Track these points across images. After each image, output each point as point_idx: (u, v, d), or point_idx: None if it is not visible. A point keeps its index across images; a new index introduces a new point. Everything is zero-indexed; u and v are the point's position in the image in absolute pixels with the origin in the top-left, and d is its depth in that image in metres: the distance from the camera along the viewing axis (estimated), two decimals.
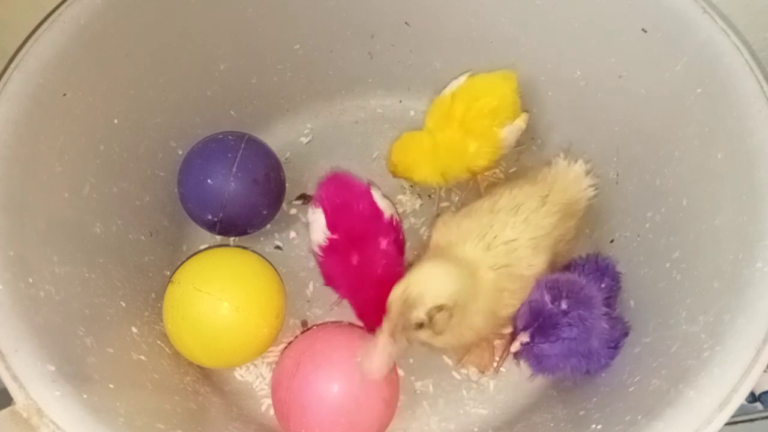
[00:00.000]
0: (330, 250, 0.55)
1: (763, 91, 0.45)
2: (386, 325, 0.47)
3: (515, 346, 0.50)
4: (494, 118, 0.58)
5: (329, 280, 0.58)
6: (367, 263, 0.54)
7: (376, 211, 0.56)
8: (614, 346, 0.51)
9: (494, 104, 0.58)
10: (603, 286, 0.54)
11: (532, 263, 0.52)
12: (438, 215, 0.64)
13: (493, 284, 0.50)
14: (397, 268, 0.56)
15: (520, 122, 0.59)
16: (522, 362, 0.55)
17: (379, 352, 0.47)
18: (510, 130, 0.59)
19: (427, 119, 0.61)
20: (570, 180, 0.58)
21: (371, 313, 0.56)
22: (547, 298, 0.49)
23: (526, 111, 0.60)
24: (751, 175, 0.44)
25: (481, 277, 0.50)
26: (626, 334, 0.52)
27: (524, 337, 0.49)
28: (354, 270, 0.54)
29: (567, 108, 0.63)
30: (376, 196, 0.58)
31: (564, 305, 0.48)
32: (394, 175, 0.63)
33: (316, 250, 0.56)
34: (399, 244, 0.58)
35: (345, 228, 0.55)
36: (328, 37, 0.65)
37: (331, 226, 0.55)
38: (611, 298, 0.54)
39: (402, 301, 0.46)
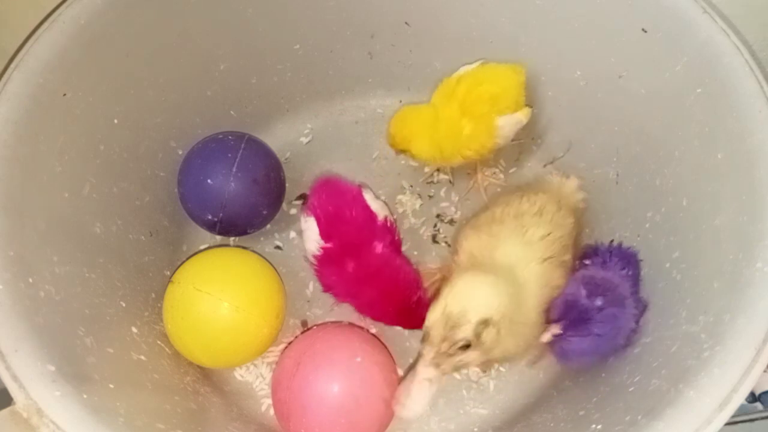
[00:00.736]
0: (324, 259, 0.55)
1: (763, 91, 0.45)
2: (427, 354, 0.43)
3: (546, 337, 0.49)
4: (493, 105, 0.57)
5: (327, 287, 0.57)
6: (363, 269, 0.54)
7: (370, 215, 0.56)
8: (624, 344, 0.52)
9: (495, 91, 0.57)
10: (630, 273, 0.54)
11: (564, 258, 0.52)
12: (436, 225, 0.65)
13: (540, 279, 0.50)
14: (396, 269, 0.55)
15: (521, 116, 0.58)
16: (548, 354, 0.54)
17: (418, 386, 0.42)
18: (507, 121, 0.58)
19: (433, 97, 0.61)
20: (564, 195, 0.59)
21: (374, 315, 0.57)
22: (583, 292, 0.49)
23: (531, 107, 0.60)
24: (751, 175, 0.44)
25: (526, 278, 0.49)
26: (645, 308, 0.52)
27: (556, 329, 0.49)
28: (350, 277, 0.54)
29: (567, 108, 0.63)
30: (369, 198, 0.57)
31: (599, 302, 0.49)
32: (393, 147, 0.62)
33: (311, 259, 0.56)
34: (395, 246, 0.57)
35: (338, 236, 0.54)
36: (328, 37, 0.65)
37: (325, 234, 0.54)
38: (634, 285, 0.54)
39: (443, 322, 0.42)
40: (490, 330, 0.43)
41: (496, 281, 0.45)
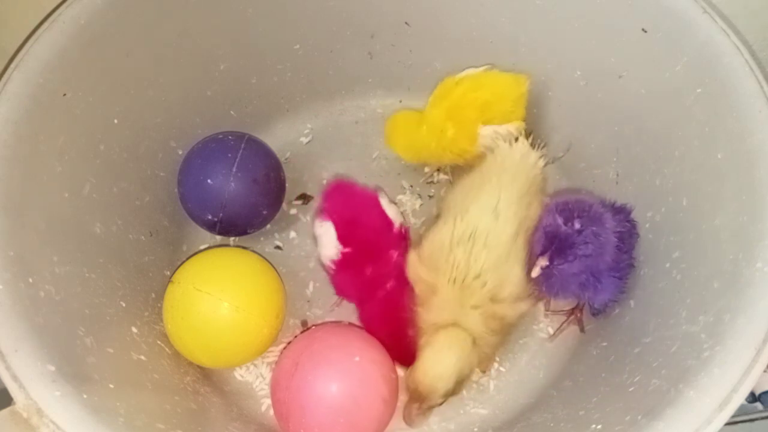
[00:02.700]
0: (343, 263, 0.55)
1: (763, 91, 0.45)
2: (414, 408, 0.49)
3: (535, 272, 0.50)
4: (482, 113, 0.57)
5: (341, 291, 0.57)
6: (379, 275, 0.54)
7: (387, 222, 0.56)
8: (619, 276, 0.53)
9: (487, 99, 0.57)
10: (618, 218, 0.54)
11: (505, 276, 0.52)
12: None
13: (482, 317, 0.51)
14: (404, 282, 0.55)
15: (510, 127, 0.58)
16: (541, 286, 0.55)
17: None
18: (492, 130, 0.57)
19: (432, 95, 0.61)
20: (518, 162, 0.57)
21: (377, 326, 0.56)
22: (560, 220, 0.50)
23: (524, 120, 0.59)
24: (751, 175, 0.44)
25: (469, 320, 0.51)
26: (632, 266, 0.54)
27: (543, 261, 0.50)
28: (367, 281, 0.54)
29: (567, 108, 0.63)
30: (384, 203, 0.57)
31: (577, 224, 0.50)
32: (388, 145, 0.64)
33: (329, 264, 0.55)
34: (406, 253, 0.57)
35: (357, 241, 0.54)
36: (328, 37, 0.65)
37: (344, 239, 0.54)
38: (624, 233, 0.54)
39: (419, 395, 0.49)
40: (458, 384, 0.49)
41: (453, 349, 0.49)
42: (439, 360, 0.49)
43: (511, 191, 0.54)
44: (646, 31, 0.52)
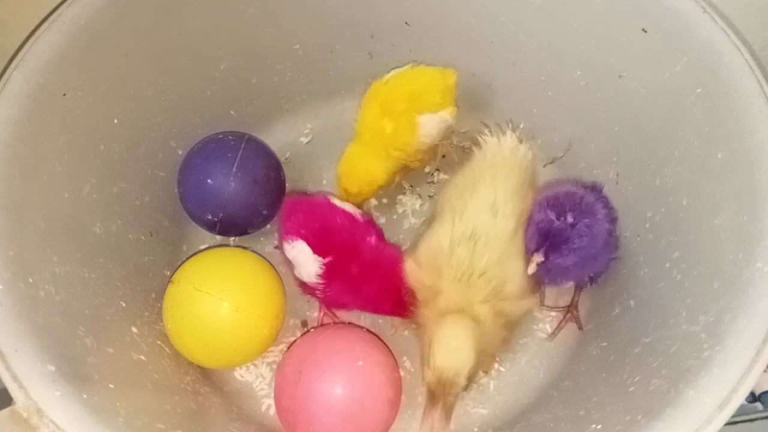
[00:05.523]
0: (329, 273, 0.54)
1: (763, 91, 0.45)
2: (435, 405, 0.47)
3: (531, 268, 0.50)
4: (411, 103, 0.57)
5: (334, 303, 0.57)
6: (365, 266, 0.54)
7: (351, 217, 0.56)
8: (611, 252, 0.55)
9: (414, 90, 0.57)
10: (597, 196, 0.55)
11: (507, 262, 0.52)
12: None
13: (490, 311, 0.51)
14: (391, 256, 0.56)
15: (444, 114, 0.57)
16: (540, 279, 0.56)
17: (440, 428, 0.47)
18: (430, 119, 0.57)
19: (363, 100, 0.60)
20: (508, 157, 0.57)
21: (378, 307, 0.57)
22: (552, 215, 0.50)
23: (457, 107, 0.58)
24: (751, 175, 0.44)
25: (478, 314, 0.50)
26: (615, 219, 0.56)
27: (539, 257, 0.50)
28: (356, 279, 0.54)
29: (567, 108, 0.63)
30: (338, 203, 0.57)
31: (570, 218, 0.50)
32: (354, 196, 0.60)
33: (314, 280, 0.54)
34: (380, 234, 0.58)
35: (334, 246, 0.54)
36: (328, 37, 0.65)
37: (320, 250, 0.53)
38: (614, 218, 0.56)
39: (443, 386, 0.47)
40: (475, 366, 0.48)
41: (465, 331, 0.48)
42: (454, 336, 0.47)
43: (507, 187, 0.54)
44: (646, 31, 0.52)
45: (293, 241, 0.54)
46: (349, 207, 0.57)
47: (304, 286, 0.56)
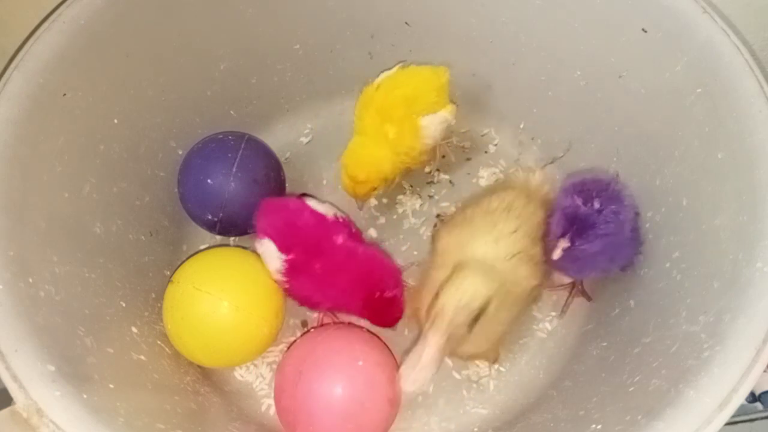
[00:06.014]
0: (291, 270, 0.54)
1: (763, 91, 0.45)
2: (439, 326, 0.45)
3: (557, 254, 0.51)
4: (408, 107, 0.56)
5: (301, 299, 0.57)
6: (330, 262, 0.54)
7: (319, 217, 0.56)
8: (638, 242, 0.54)
9: (409, 93, 0.56)
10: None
11: (531, 253, 0.53)
12: (436, 225, 0.65)
13: (510, 276, 0.51)
14: (363, 256, 0.55)
15: (445, 113, 0.57)
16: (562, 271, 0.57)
17: (426, 361, 0.45)
18: (431, 120, 0.57)
19: (356, 107, 0.60)
20: (532, 189, 0.59)
21: (347, 307, 0.56)
22: (579, 201, 0.50)
23: (454, 103, 0.58)
24: (751, 175, 0.44)
25: (497, 274, 0.50)
26: (637, 214, 0.55)
27: (565, 243, 0.50)
28: (320, 275, 0.54)
29: (567, 108, 0.63)
30: (313, 204, 0.57)
31: (597, 204, 0.50)
32: (359, 192, 0.59)
33: (279, 277, 0.55)
34: (355, 236, 0.57)
35: (297, 244, 0.54)
36: (328, 37, 0.65)
37: (284, 248, 0.54)
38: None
39: (454, 305, 0.46)
40: (489, 309, 0.47)
41: (487, 269, 0.49)
42: (465, 276, 0.47)
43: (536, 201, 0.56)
44: (646, 31, 0.52)
45: (262, 239, 0.55)
46: (324, 209, 0.57)
47: (284, 288, 0.56)
